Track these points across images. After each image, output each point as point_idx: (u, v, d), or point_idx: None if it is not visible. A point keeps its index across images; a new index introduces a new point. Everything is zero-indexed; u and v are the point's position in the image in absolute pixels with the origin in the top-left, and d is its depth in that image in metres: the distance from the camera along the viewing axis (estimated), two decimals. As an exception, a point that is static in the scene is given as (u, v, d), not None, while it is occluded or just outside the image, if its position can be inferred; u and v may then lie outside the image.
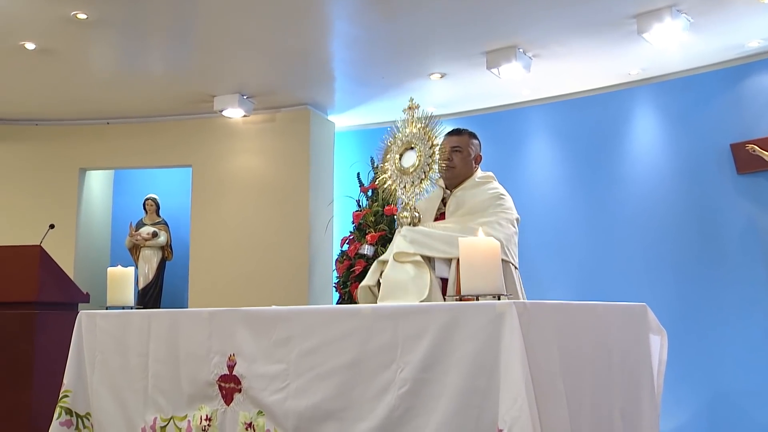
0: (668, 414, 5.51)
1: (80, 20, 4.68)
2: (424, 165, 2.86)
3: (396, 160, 2.94)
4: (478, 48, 5.35)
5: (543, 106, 6.54)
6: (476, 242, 1.95)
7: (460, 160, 3.03)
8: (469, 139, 3.09)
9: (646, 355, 2.45)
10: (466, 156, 3.05)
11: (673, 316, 5.57)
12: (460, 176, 3.06)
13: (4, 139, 7.21)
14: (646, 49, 5.14)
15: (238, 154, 7.07)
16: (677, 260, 5.67)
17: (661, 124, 5.91)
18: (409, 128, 2.95)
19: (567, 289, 6.12)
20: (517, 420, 1.66)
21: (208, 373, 2.48)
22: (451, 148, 3.05)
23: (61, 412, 2.93)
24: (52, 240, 6.74)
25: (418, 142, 2.91)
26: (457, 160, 3.02)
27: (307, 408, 2.14)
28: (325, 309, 2.19)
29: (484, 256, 1.92)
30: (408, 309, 1.97)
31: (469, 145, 3.07)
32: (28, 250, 3.84)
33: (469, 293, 1.92)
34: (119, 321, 2.90)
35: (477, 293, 1.91)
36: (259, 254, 6.78)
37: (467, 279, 1.93)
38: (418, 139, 2.91)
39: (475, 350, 1.81)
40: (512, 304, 1.77)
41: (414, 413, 1.91)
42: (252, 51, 5.58)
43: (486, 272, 1.92)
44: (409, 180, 2.89)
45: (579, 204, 6.25)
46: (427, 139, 2.90)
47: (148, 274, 7.26)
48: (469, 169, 3.07)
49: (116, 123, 7.23)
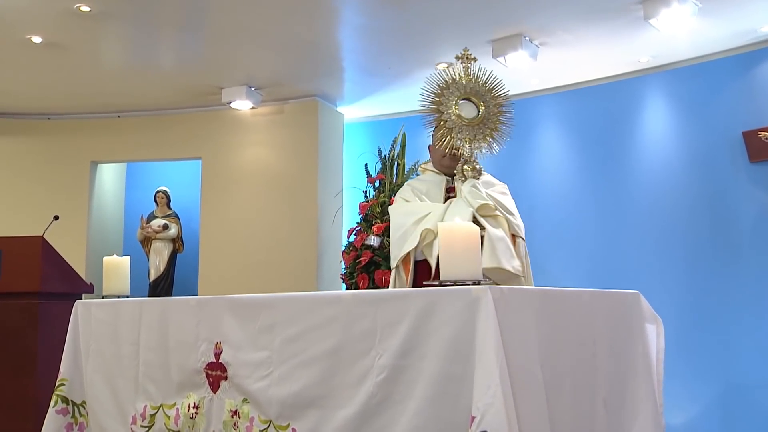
0: (680, 407, 5.44)
1: (84, 13, 4.70)
2: (492, 120, 2.81)
3: (455, 109, 2.80)
4: (484, 37, 5.29)
5: (552, 95, 6.47)
6: (455, 227, 1.92)
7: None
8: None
9: (639, 344, 2.40)
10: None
11: (685, 307, 5.49)
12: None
13: (17, 134, 7.28)
14: (654, 36, 5.05)
15: (247, 147, 7.08)
16: (689, 250, 5.58)
17: (672, 113, 5.81)
18: (465, 79, 2.84)
19: (577, 279, 6.06)
20: (490, 407, 1.63)
21: (196, 361, 2.49)
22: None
23: (57, 400, 2.95)
24: (64, 232, 6.82)
25: (484, 94, 2.83)
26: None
27: (289, 395, 2.13)
28: (307, 296, 2.17)
29: (464, 240, 1.89)
30: (386, 295, 1.96)
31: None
32: (31, 241, 3.88)
33: (447, 279, 1.89)
34: (112, 310, 2.91)
35: (455, 279, 1.88)
36: (268, 246, 6.79)
37: (446, 264, 1.91)
38: (485, 92, 2.83)
39: (451, 336, 1.78)
40: (488, 289, 1.74)
41: (392, 400, 1.89)
42: (259, 42, 5.57)
43: (465, 257, 1.88)
44: (471, 132, 2.79)
45: (589, 194, 6.17)
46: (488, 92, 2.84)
47: (159, 266, 7.29)
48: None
49: (127, 116, 7.27)
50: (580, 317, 2.10)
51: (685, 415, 5.47)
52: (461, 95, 2.82)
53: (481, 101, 2.81)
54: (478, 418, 1.64)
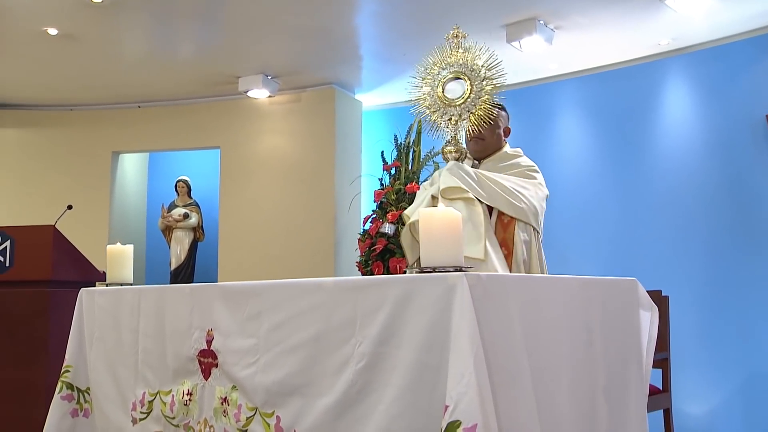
0: (702, 397, 5.35)
1: (96, 4, 4.74)
2: (474, 100, 2.68)
3: (439, 89, 2.75)
4: (498, 21, 5.22)
5: (572, 80, 6.36)
6: (435, 212, 1.89)
7: (490, 132, 2.93)
8: (499, 111, 2.98)
9: (635, 332, 2.34)
10: (495, 128, 2.95)
11: (705, 295, 5.38)
12: (489, 149, 2.99)
13: (40, 125, 7.41)
14: (671, 17, 4.93)
15: (264, 135, 7.11)
16: (710, 236, 5.45)
17: (693, 96, 5.67)
18: (454, 57, 2.77)
19: (596, 266, 5.97)
20: (463, 396, 1.60)
21: (189, 348, 2.49)
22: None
23: (62, 387, 2.99)
24: (87, 221, 6.95)
25: (470, 74, 2.71)
26: (487, 133, 2.93)
27: (273, 383, 2.12)
28: (292, 283, 2.16)
29: (444, 226, 1.86)
30: (366, 282, 1.93)
31: (498, 117, 2.97)
32: (42, 230, 3.93)
33: (428, 265, 1.86)
34: (114, 297, 2.93)
35: (436, 265, 1.84)
36: (286, 234, 6.82)
37: (426, 251, 1.87)
38: (470, 71, 2.72)
39: (427, 324, 1.75)
40: (463, 275, 1.70)
41: (371, 389, 1.87)
42: (275, 30, 5.57)
43: (445, 243, 1.85)
44: (455, 112, 2.71)
45: (609, 180, 6.07)
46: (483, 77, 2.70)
47: (180, 254, 7.37)
48: (498, 142, 2.99)
49: (147, 106, 7.34)
50: (573, 305, 2.05)
51: (706, 405, 5.38)
52: (449, 75, 2.75)
53: (470, 79, 2.70)
54: (451, 407, 1.61)
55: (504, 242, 2.74)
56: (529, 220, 2.79)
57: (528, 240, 2.80)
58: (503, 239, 2.74)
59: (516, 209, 2.76)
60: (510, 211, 2.74)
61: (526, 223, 2.79)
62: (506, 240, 2.73)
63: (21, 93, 7.04)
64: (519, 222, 2.77)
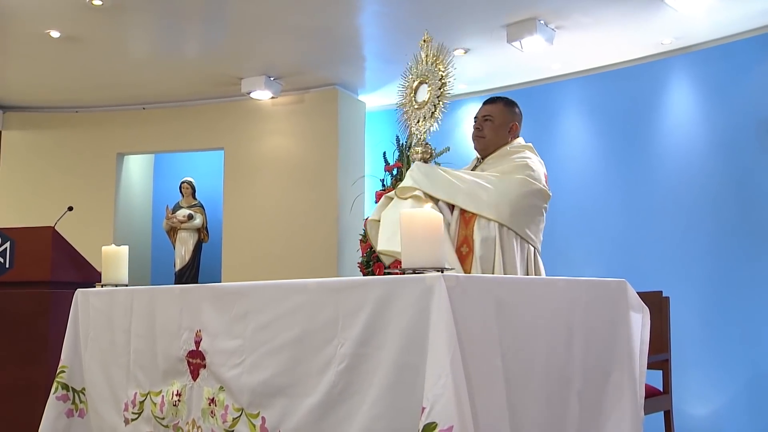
0: (706, 398, 5.31)
1: (96, 6, 4.77)
2: (433, 99, 2.78)
3: (411, 95, 2.87)
4: (498, 21, 5.21)
5: (575, 80, 6.33)
6: (416, 213, 1.88)
7: (491, 129, 2.96)
8: (504, 108, 2.99)
9: (624, 335, 2.32)
10: (498, 125, 2.96)
11: (709, 295, 5.35)
12: (491, 146, 2.98)
13: (47, 126, 7.47)
14: (672, 16, 4.89)
15: (268, 136, 7.13)
16: (714, 236, 5.41)
17: (697, 96, 5.63)
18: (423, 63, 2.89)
19: (600, 267, 5.95)
20: (440, 398, 1.60)
21: (178, 349, 2.50)
22: (482, 117, 2.99)
23: (57, 387, 3.01)
24: (92, 222, 6.99)
25: (429, 76, 2.82)
26: (487, 129, 2.96)
27: (258, 384, 2.12)
28: (277, 284, 2.16)
29: (425, 227, 1.85)
30: (348, 283, 1.93)
31: (503, 114, 2.98)
32: (42, 232, 3.96)
33: (409, 266, 1.85)
34: (107, 298, 2.95)
35: (416, 266, 1.84)
36: (289, 234, 6.83)
37: (407, 252, 1.87)
38: (430, 73, 2.82)
39: (407, 325, 1.75)
40: (441, 276, 1.70)
41: (352, 390, 1.87)
42: (277, 31, 5.58)
43: (426, 244, 1.84)
44: (421, 114, 2.82)
45: (612, 180, 6.04)
46: (437, 72, 2.81)
47: (184, 255, 7.41)
48: (500, 139, 2.97)
49: (151, 108, 7.38)
50: (554, 306, 2.04)
51: (710, 406, 5.34)
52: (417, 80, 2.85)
53: (429, 82, 2.80)
54: (428, 409, 1.60)
55: (466, 240, 2.73)
56: (490, 215, 2.72)
57: (490, 237, 2.72)
58: (465, 236, 2.73)
59: (476, 204, 2.72)
60: (469, 206, 2.72)
61: (489, 219, 2.73)
62: (468, 237, 2.71)
63: (27, 95, 7.09)
64: (480, 218, 2.73)
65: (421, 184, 2.76)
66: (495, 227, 2.71)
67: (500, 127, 2.95)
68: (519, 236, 2.75)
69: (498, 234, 2.70)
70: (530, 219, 2.80)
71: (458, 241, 2.77)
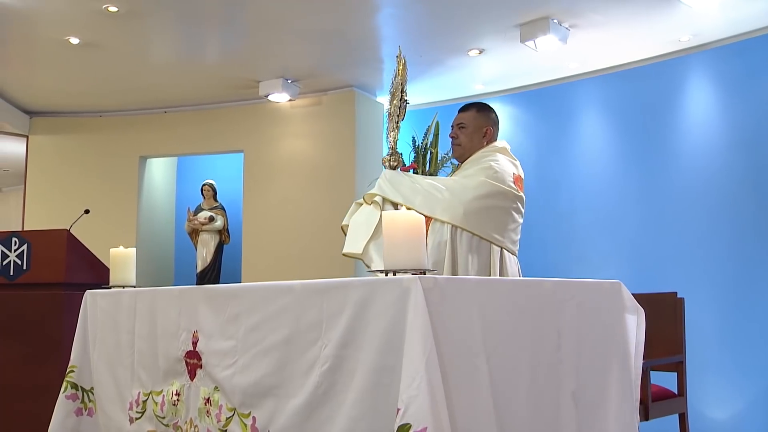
0: (725, 401, 5.22)
1: (112, 13, 4.85)
2: (395, 110, 2.96)
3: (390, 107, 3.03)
4: (511, 21, 5.18)
5: (592, 79, 6.27)
6: (397, 216, 1.89)
7: (465, 136, 3.02)
8: (477, 114, 3.04)
9: (619, 335, 2.30)
10: (472, 132, 3.01)
11: (729, 296, 5.26)
12: (467, 152, 3.03)
13: (72, 131, 7.61)
14: (686, 13, 4.82)
15: (286, 138, 7.18)
16: (733, 237, 5.31)
17: (717, 94, 5.54)
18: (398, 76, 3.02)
19: (618, 268, 5.88)
20: (414, 399, 1.61)
21: (177, 350, 2.55)
22: (456, 125, 3.05)
23: (67, 386, 3.08)
24: (115, 225, 7.11)
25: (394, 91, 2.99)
26: (462, 137, 3.02)
27: (249, 384, 2.16)
28: (267, 285, 2.19)
29: (405, 229, 1.86)
30: (331, 285, 1.95)
31: (476, 119, 3.03)
32: (57, 234, 4.05)
33: (390, 268, 1.87)
34: (114, 300, 3.01)
35: (397, 268, 1.85)
36: (308, 235, 6.87)
37: (389, 253, 1.88)
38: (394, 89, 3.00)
39: (385, 327, 1.76)
40: (417, 278, 1.70)
41: (335, 390, 1.89)
42: (293, 34, 5.61)
43: (406, 247, 1.85)
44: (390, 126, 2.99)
45: (631, 179, 5.97)
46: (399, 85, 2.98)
47: (206, 257, 7.39)
48: (475, 145, 3.01)
49: (173, 112, 7.48)
50: (542, 308, 2.03)
51: (730, 410, 5.25)
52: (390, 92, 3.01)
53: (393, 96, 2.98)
54: (402, 410, 1.61)
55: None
56: (444, 217, 2.76)
57: (442, 241, 2.76)
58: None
59: (430, 206, 2.78)
60: (424, 210, 2.74)
61: (443, 222, 2.77)
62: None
63: (52, 101, 7.24)
64: (435, 222, 2.78)
65: (384, 190, 2.88)
66: (448, 230, 2.76)
67: (474, 133, 3.00)
68: (479, 237, 2.75)
69: (450, 237, 2.75)
70: (491, 219, 2.80)
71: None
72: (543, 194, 6.40)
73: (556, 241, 6.30)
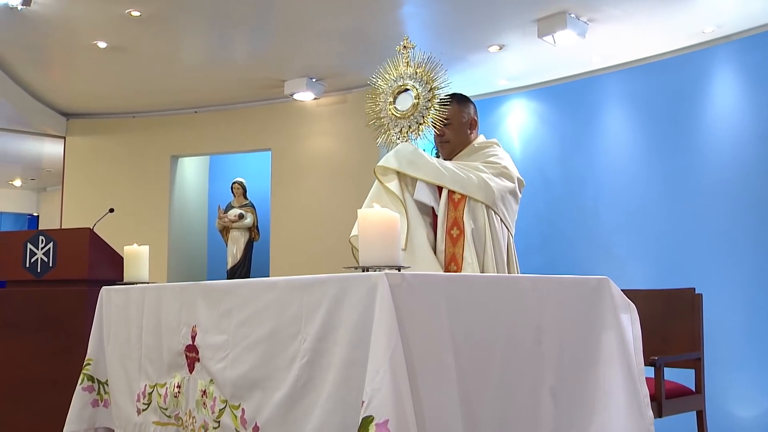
0: (750, 400, 5.13)
1: (135, 17, 5.00)
2: (422, 109, 2.76)
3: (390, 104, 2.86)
4: (529, 16, 5.17)
5: (616, 73, 6.21)
6: (370, 213, 1.94)
7: (452, 132, 2.97)
8: (458, 107, 2.98)
9: (610, 332, 2.29)
10: (457, 127, 2.97)
11: (755, 293, 5.16)
12: (456, 148, 2.99)
13: (106, 132, 7.85)
14: (707, 4, 4.74)
15: (312, 137, 7.28)
16: (760, 232, 5.21)
17: (743, 86, 5.43)
18: (402, 68, 2.90)
19: (644, 264, 5.83)
20: (377, 392, 1.65)
21: (178, 344, 2.64)
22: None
23: (83, 378, 3.21)
24: (148, 223, 7.31)
25: (415, 84, 2.82)
26: (449, 133, 2.97)
27: (239, 377, 2.23)
28: (255, 281, 2.26)
29: (379, 226, 1.91)
30: (311, 280, 2.00)
31: (459, 113, 2.98)
32: (80, 233, 4.19)
33: (365, 264, 1.91)
34: (125, 295, 3.12)
35: (371, 264, 1.89)
36: (334, 232, 6.92)
37: (364, 250, 1.93)
38: (416, 81, 2.82)
39: (356, 322, 1.81)
40: (384, 274, 1.75)
41: (313, 384, 1.94)
42: (317, 34, 5.71)
43: (380, 243, 1.90)
44: (405, 124, 2.80)
45: (656, 174, 5.89)
46: (426, 81, 2.80)
47: (236, 254, 7.64)
48: (463, 139, 2.99)
49: (203, 112, 7.65)
50: (517, 304, 2.05)
51: (756, 408, 5.16)
52: (399, 87, 2.84)
53: (416, 88, 2.78)
54: (366, 403, 1.66)
55: (456, 222, 2.71)
56: (479, 197, 2.70)
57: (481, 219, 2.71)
58: (455, 219, 2.71)
59: (463, 185, 2.70)
60: (455, 187, 2.71)
61: (477, 201, 2.71)
62: (458, 219, 2.71)
63: (87, 103, 7.48)
64: (470, 200, 2.71)
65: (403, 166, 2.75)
66: (483, 209, 2.71)
67: (460, 128, 2.96)
68: (503, 222, 2.76)
69: (486, 216, 2.70)
70: (510, 205, 2.80)
71: (448, 224, 2.75)
72: (568, 190, 6.37)
73: (581, 237, 6.26)
